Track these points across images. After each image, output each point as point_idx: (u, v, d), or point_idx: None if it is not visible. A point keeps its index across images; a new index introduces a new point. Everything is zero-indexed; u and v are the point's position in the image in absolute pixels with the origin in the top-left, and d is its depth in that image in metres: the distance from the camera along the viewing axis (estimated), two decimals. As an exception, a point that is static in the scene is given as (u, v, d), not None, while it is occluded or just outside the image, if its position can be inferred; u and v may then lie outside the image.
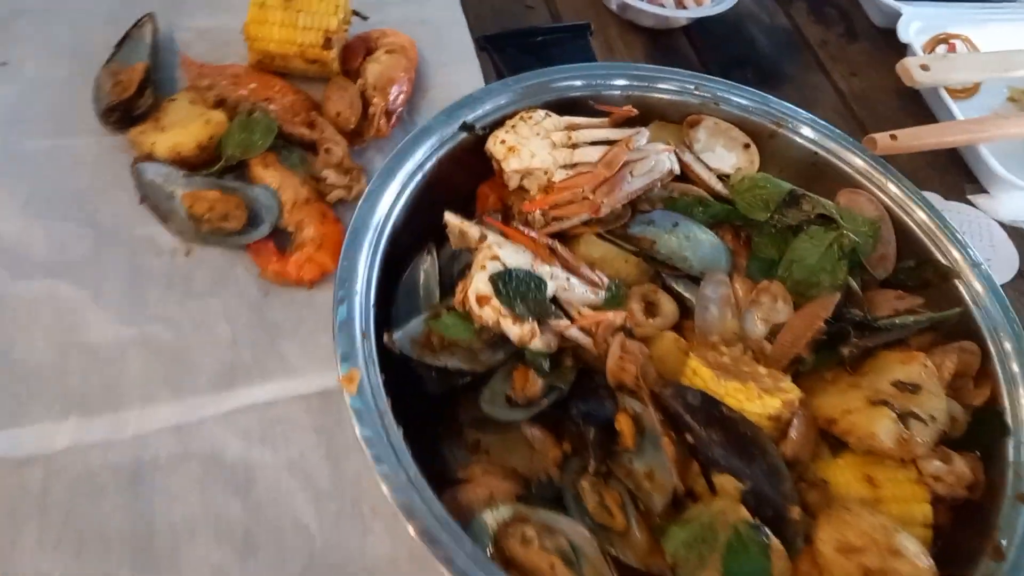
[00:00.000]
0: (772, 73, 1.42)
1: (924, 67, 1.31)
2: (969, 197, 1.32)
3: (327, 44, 1.12)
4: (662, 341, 0.92)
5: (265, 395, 0.91)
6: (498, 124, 1.00)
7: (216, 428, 0.88)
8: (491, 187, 1.03)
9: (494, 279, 0.84)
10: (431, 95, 1.23)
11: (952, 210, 1.28)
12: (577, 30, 1.10)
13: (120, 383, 0.89)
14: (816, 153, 1.07)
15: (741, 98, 1.08)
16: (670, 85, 1.07)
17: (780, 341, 0.90)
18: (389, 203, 0.89)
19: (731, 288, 0.97)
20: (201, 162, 1.04)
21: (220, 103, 1.07)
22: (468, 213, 1.01)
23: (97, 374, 0.89)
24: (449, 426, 0.90)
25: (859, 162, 1.06)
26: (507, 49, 1.06)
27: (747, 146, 1.08)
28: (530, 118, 0.99)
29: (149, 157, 1.02)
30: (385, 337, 0.81)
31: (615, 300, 0.92)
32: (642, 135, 0.98)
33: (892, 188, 1.04)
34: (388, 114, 1.12)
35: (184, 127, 1.03)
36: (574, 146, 0.97)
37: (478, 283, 0.84)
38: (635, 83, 1.05)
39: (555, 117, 1.00)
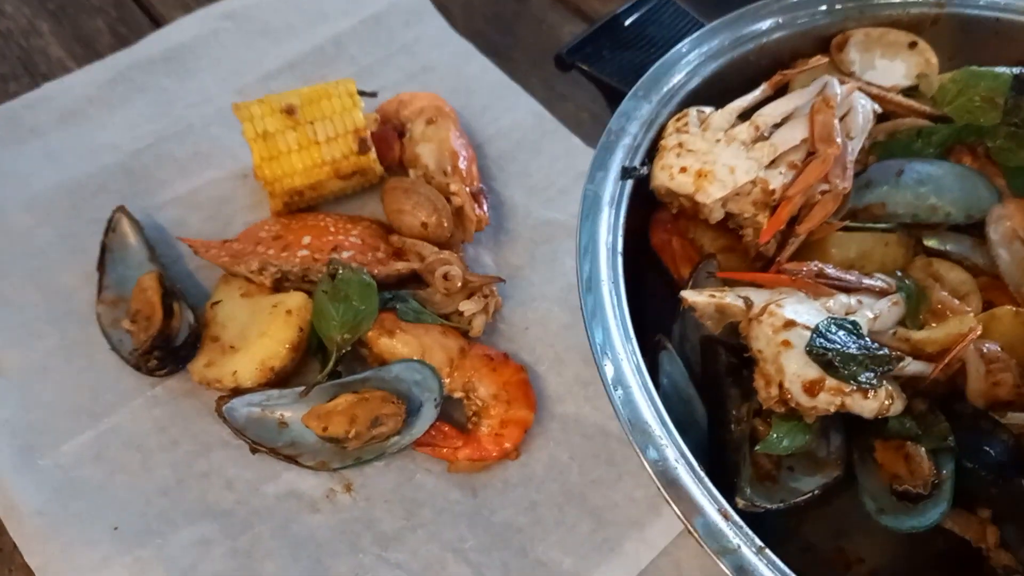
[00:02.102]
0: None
1: None
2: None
3: (363, 146, 0.85)
4: (999, 324, 0.70)
5: (563, 630, 0.66)
6: (650, 151, 0.75)
7: None
8: (666, 230, 0.79)
9: (817, 353, 0.60)
10: (493, 150, 0.97)
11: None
12: (657, -4, 0.85)
13: None
14: (997, 19, 0.85)
15: (883, -10, 0.85)
16: (803, 12, 0.84)
17: None
18: (614, 315, 0.63)
19: (1010, 219, 0.75)
20: (297, 367, 0.77)
21: (281, 280, 0.79)
22: (658, 274, 0.78)
23: None
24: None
25: (1036, 6, 0.86)
26: (602, 53, 0.81)
27: (913, 45, 0.86)
28: (687, 126, 0.75)
29: (235, 391, 0.74)
30: (740, 503, 0.57)
31: (914, 298, 0.70)
32: (833, 84, 0.74)
33: (1099, 20, 0.84)
34: (476, 197, 0.86)
35: (262, 334, 0.74)
36: (763, 136, 0.73)
37: (796, 367, 0.60)
38: (771, 24, 0.81)
39: (716, 111, 0.75)
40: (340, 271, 0.76)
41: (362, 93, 0.90)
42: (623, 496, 0.72)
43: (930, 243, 0.77)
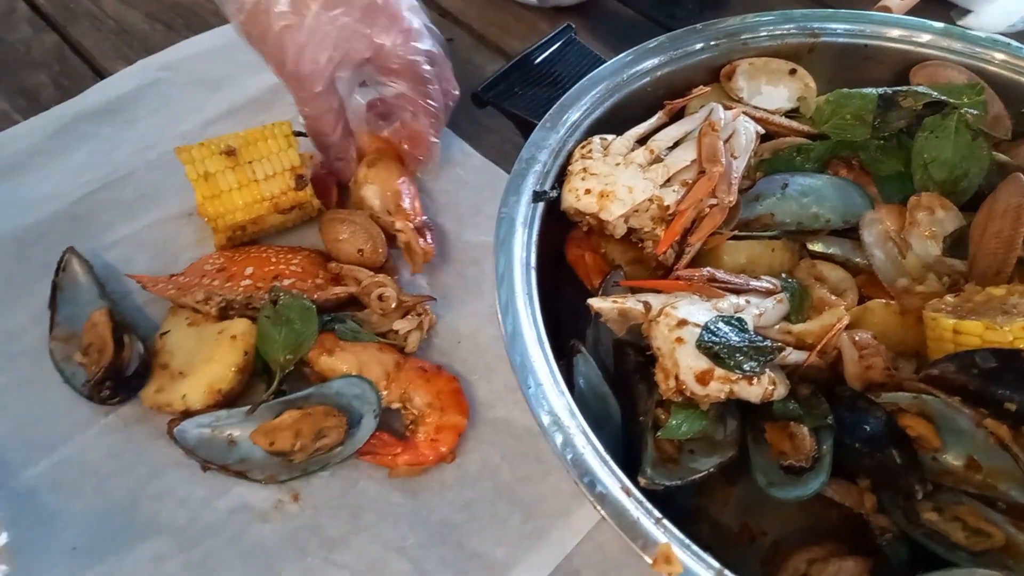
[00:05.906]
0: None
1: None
2: (959, 23, 1.26)
3: (299, 183, 0.92)
4: (871, 316, 0.79)
5: (497, 615, 0.72)
6: (559, 175, 0.83)
7: None
8: (580, 246, 0.87)
9: (705, 347, 0.68)
10: (425, 184, 1.04)
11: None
12: (563, 35, 0.94)
13: None
14: (866, 45, 0.96)
15: (766, 25, 0.95)
16: (693, 47, 0.93)
17: (988, 251, 0.79)
18: (528, 322, 0.71)
19: (883, 223, 0.85)
20: (244, 388, 0.82)
21: (226, 309, 0.84)
22: (574, 286, 0.85)
23: None
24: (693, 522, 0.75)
25: (897, 32, 0.97)
26: (515, 89, 0.89)
27: (793, 71, 0.96)
28: (590, 152, 0.83)
29: (185, 414, 0.79)
30: (642, 482, 0.64)
31: (798, 297, 0.79)
32: (718, 110, 0.84)
33: (953, 44, 0.95)
34: (421, 231, 0.92)
35: (209, 359, 0.80)
36: (658, 159, 0.82)
37: (688, 361, 0.68)
38: (665, 59, 0.91)
39: (616, 138, 0.84)
40: (281, 297, 0.82)
41: (298, 134, 0.97)
42: (550, 489, 0.79)
43: (815, 247, 0.86)
